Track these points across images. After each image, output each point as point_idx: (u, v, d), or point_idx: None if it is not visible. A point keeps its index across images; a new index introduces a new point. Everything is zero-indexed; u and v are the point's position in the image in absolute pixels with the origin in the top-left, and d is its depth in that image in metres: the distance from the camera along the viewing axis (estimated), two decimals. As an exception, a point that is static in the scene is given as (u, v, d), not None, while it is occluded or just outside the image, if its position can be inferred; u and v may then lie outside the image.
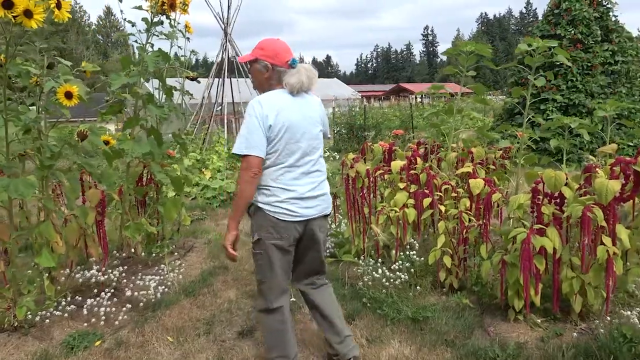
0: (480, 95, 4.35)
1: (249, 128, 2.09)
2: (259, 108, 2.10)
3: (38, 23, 2.20)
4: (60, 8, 2.27)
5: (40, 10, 2.19)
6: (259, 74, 2.25)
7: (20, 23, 2.14)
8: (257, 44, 2.28)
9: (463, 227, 3.12)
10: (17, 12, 2.11)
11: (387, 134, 12.29)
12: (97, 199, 3.41)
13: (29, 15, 2.16)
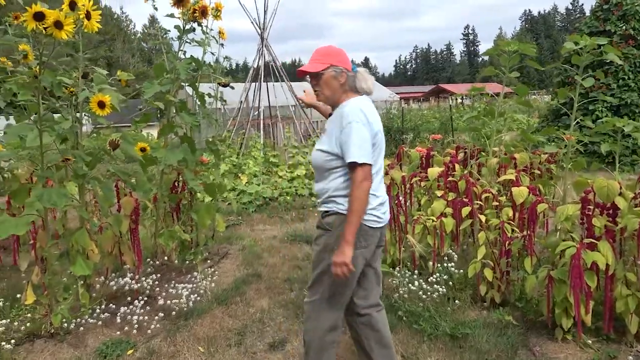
0: (524, 96, 4.13)
1: (361, 136, 2.02)
2: (362, 116, 2.05)
3: (68, 34, 2.20)
4: (90, 18, 2.27)
5: (70, 22, 2.19)
6: (333, 81, 2.14)
7: (51, 34, 2.15)
8: (321, 53, 2.17)
9: (505, 238, 2.93)
10: (47, 24, 2.11)
11: (425, 137, 12.03)
12: (131, 207, 3.43)
13: (59, 26, 2.16)
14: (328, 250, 2.08)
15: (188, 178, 3.70)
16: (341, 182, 2.10)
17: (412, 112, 22.46)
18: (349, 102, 2.14)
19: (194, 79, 4.16)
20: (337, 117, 2.13)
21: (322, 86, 2.15)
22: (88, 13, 2.24)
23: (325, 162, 2.12)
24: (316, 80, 2.16)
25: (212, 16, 3.87)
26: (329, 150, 2.10)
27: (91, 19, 2.27)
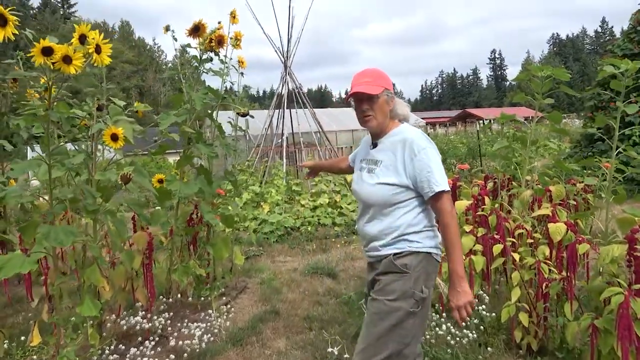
0: (557, 123, 3.89)
1: (438, 161, 1.91)
2: (429, 141, 1.97)
3: (77, 69, 2.13)
4: (100, 52, 2.20)
5: (80, 56, 2.12)
6: (386, 105, 2.00)
7: (59, 69, 2.08)
8: (374, 75, 2.00)
9: (542, 279, 2.68)
10: (55, 59, 2.04)
11: (452, 163, 11.74)
12: (144, 242, 3.31)
13: (67, 61, 2.09)
14: (407, 296, 1.87)
15: (204, 211, 3.58)
16: (413, 217, 1.93)
17: (438, 137, 22.17)
18: (404, 128, 2.03)
19: (212, 108, 4.10)
20: (397, 145, 1.96)
21: (377, 111, 1.97)
22: (98, 47, 2.17)
23: (393, 196, 1.92)
24: (370, 104, 1.97)
25: (232, 45, 3.83)
26: (397, 183, 1.91)
27: (101, 53, 2.20)
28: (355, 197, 2.11)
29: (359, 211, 2.11)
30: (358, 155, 2.22)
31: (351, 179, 2.19)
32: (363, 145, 2.22)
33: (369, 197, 1.99)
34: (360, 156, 2.19)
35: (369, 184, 1.99)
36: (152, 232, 3.54)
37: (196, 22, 3.39)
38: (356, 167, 2.18)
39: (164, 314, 3.40)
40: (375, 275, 2.01)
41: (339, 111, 28.47)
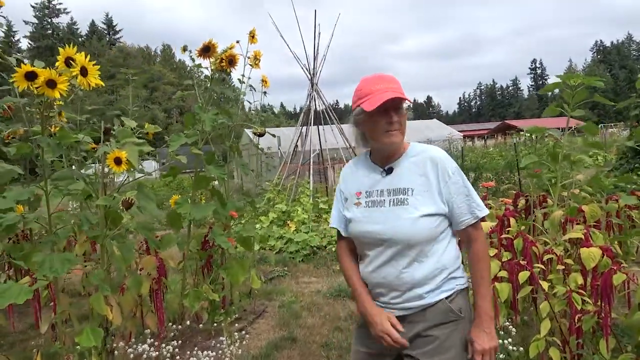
0: (594, 135, 3.59)
1: (470, 184, 1.64)
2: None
3: (62, 92, 2.07)
4: (87, 75, 2.13)
5: (64, 80, 2.06)
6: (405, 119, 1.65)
7: (43, 94, 2.02)
8: (396, 81, 1.60)
9: (575, 311, 2.40)
10: (38, 83, 1.99)
11: (488, 177, 11.30)
12: (152, 267, 3.23)
13: (51, 85, 2.04)
14: (466, 347, 1.58)
15: (216, 234, 3.47)
16: (454, 250, 1.63)
17: (476, 150, 21.55)
18: (420, 145, 1.69)
19: (228, 129, 4.03)
20: (426, 166, 1.61)
21: (403, 124, 1.61)
22: (84, 69, 2.10)
23: (436, 229, 1.57)
24: (399, 116, 1.58)
25: (250, 65, 3.75)
26: (437, 212, 1.57)
27: (88, 75, 2.13)
28: (370, 240, 1.61)
29: (378, 257, 1.61)
30: (353, 189, 1.70)
31: (352, 217, 1.66)
32: (357, 175, 1.72)
33: (411, 236, 1.55)
34: (363, 188, 1.67)
35: (409, 219, 1.55)
36: (163, 257, 3.47)
37: (206, 43, 3.34)
38: (362, 202, 1.65)
39: (173, 341, 3.28)
40: (422, 331, 1.58)
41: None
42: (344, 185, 1.74)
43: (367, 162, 1.72)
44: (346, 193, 1.72)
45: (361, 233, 1.63)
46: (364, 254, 1.67)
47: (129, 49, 66.13)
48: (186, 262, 3.59)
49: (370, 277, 1.64)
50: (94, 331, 2.61)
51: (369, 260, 1.64)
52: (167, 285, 3.49)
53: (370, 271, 1.63)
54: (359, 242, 1.67)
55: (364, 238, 1.63)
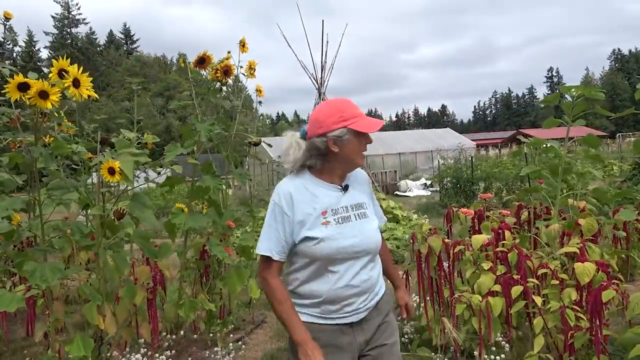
0: (595, 147, 3.53)
1: None
2: None
3: (54, 103, 2.10)
4: (79, 86, 2.16)
5: (57, 91, 2.09)
6: None
7: (35, 105, 2.06)
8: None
9: (567, 328, 2.34)
10: (30, 94, 2.03)
11: (499, 187, 11.16)
12: (146, 277, 3.25)
13: (44, 96, 2.07)
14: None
15: (212, 244, 3.48)
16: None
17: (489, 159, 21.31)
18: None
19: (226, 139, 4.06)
20: (364, 184, 1.81)
21: None
22: (76, 81, 2.13)
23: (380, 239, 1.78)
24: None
25: (245, 75, 3.79)
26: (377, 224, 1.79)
27: (80, 87, 2.16)
28: (345, 256, 1.63)
29: (349, 270, 1.64)
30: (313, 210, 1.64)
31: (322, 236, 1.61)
32: (311, 196, 1.66)
33: (376, 244, 1.71)
34: (328, 207, 1.66)
35: (372, 229, 1.70)
36: (160, 266, 3.49)
37: (201, 54, 3.37)
38: (331, 221, 1.64)
39: (167, 351, 3.29)
40: (380, 324, 1.74)
41: (385, 134, 28.24)
42: (291, 209, 1.63)
43: (316, 182, 1.69)
44: (298, 216, 1.63)
45: (336, 250, 1.61)
46: (329, 271, 1.63)
47: (146, 58, 67.11)
48: (183, 272, 3.60)
49: (342, 292, 1.63)
50: (84, 340, 2.62)
51: (339, 276, 1.63)
52: (162, 295, 3.50)
53: (342, 286, 1.63)
54: (328, 260, 1.62)
55: (338, 254, 1.62)
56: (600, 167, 17.10)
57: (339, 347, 1.65)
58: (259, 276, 1.67)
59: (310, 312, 1.66)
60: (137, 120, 3.85)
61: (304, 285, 1.66)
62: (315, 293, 1.64)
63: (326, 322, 1.65)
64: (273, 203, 1.67)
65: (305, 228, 1.61)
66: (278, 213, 1.64)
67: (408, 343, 3.38)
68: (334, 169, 1.69)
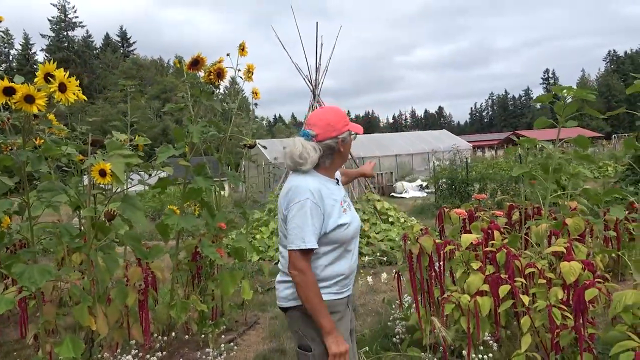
0: (585, 148, 3.55)
1: None
2: None
3: (40, 108, 2.11)
4: (65, 90, 2.17)
5: (42, 95, 2.10)
6: None
7: (21, 109, 2.07)
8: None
9: (554, 327, 2.37)
10: (16, 99, 2.04)
11: (494, 188, 11.21)
12: (138, 278, 3.25)
13: (30, 100, 2.08)
14: None
15: (205, 245, 3.50)
16: None
17: (485, 160, 21.37)
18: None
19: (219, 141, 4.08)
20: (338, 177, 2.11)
21: None
22: (62, 85, 2.14)
23: None
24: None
25: (243, 78, 3.81)
26: None
27: (66, 91, 2.18)
28: (354, 235, 1.95)
29: (355, 248, 2.00)
30: (334, 201, 1.89)
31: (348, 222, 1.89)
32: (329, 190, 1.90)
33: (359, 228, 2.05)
34: (340, 197, 1.93)
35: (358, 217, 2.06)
36: (152, 268, 3.49)
37: (194, 56, 3.39)
38: (346, 208, 1.94)
39: (159, 352, 3.30)
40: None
41: (382, 136, 28.29)
42: (322, 204, 1.82)
43: (323, 178, 1.93)
44: (327, 208, 1.84)
45: (356, 230, 1.95)
46: (347, 250, 1.92)
47: (142, 60, 66.99)
48: (175, 273, 3.61)
49: (353, 267, 1.96)
50: (74, 342, 2.62)
51: (352, 253, 1.95)
52: (154, 296, 3.51)
53: (354, 262, 1.96)
54: (348, 240, 1.90)
55: (355, 234, 1.94)
56: (595, 167, 17.19)
57: (346, 316, 1.96)
58: (294, 269, 1.77)
59: (330, 291, 1.87)
60: (131, 123, 3.87)
61: (328, 268, 1.86)
62: (340, 272, 1.89)
63: (341, 296, 1.91)
64: (307, 199, 1.79)
65: (335, 217, 1.84)
66: (314, 208, 1.79)
67: (399, 343, 3.40)
68: (336, 165, 1.98)
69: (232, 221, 4.01)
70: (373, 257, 6.69)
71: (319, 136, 1.87)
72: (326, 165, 1.93)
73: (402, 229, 7.49)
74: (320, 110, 2.02)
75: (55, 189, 2.74)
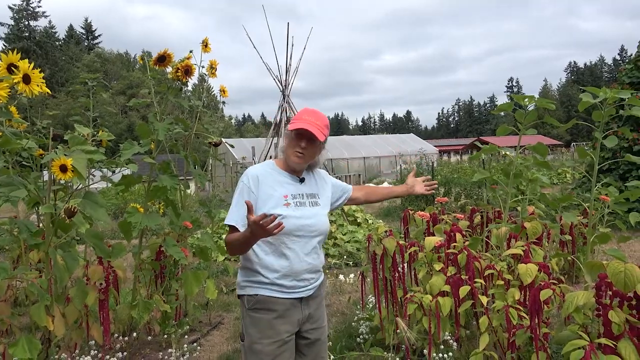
0: (543, 155, 3.69)
1: None
2: None
3: (2, 99, 2.04)
4: (29, 82, 2.11)
5: (5, 86, 2.04)
6: (318, 153, 2.08)
7: (-20, 99, 1.99)
8: (323, 121, 2.03)
9: (510, 327, 2.45)
10: (-25, 89, 1.96)
11: (458, 192, 11.46)
12: (98, 277, 3.18)
13: (-11, 90, 2.01)
14: None
15: (169, 244, 3.44)
16: None
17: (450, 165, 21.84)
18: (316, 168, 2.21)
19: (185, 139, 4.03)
20: (319, 178, 2.15)
21: (310, 155, 2.01)
22: (26, 76, 2.08)
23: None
24: (309, 146, 1.99)
25: (207, 74, 3.79)
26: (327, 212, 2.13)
27: (30, 83, 2.11)
28: (303, 233, 1.95)
29: (305, 247, 1.96)
30: (275, 193, 1.95)
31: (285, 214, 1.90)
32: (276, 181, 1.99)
33: (326, 228, 2.04)
34: (288, 192, 1.98)
35: (323, 215, 2.05)
36: (115, 267, 3.42)
37: (161, 52, 3.34)
38: (290, 202, 1.95)
39: (119, 353, 3.23)
40: (319, 300, 2.09)
41: (350, 138, 28.48)
42: (256, 188, 1.93)
43: (279, 171, 2.02)
44: (262, 194, 1.92)
45: (297, 227, 1.92)
46: (288, 249, 1.91)
47: (107, 54, 65.19)
48: (137, 272, 3.54)
49: (299, 266, 1.93)
50: (29, 342, 2.54)
51: (294, 254, 1.93)
52: (116, 295, 3.43)
53: (296, 263, 1.93)
54: (287, 236, 1.90)
55: (298, 231, 1.93)
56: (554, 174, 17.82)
57: (288, 318, 1.93)
58: (224, 241, 1.91)
59: (270, 288, 1.91)
60: (93, 118, 3.78)
61: (263, 259, 1.90)
62: (274, 267, 1.90)
63: (283, 296, 1.92)
64: (241, 182, 1.96)
65: (270, 206, 1.89)
66: (244, 190, 1.93)
67: (362, 343, 3.44)
68: (285, 158, 2.02)
69: (198, 220, 3.96)
70: (340, 258, 6.73)
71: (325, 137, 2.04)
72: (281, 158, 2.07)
73: (368, 231, 7.57)
74: (314, 112, 2.09)
75: (14, 184, 2.65)
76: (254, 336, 1.89)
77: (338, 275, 5.96)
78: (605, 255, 5.05)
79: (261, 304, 1.90)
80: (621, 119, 8.15)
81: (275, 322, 1.90)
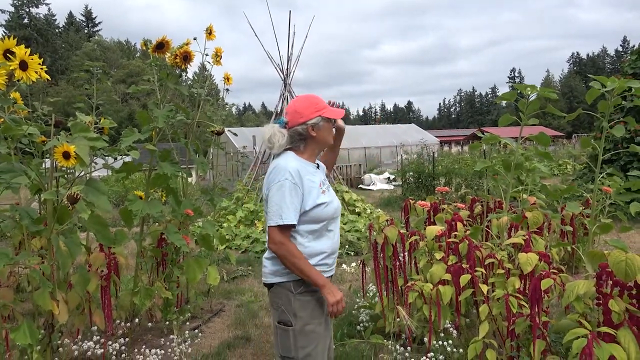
0: (546, 145, 3.68)
1: None
2: None
3: (0, 86, 2.03)
4: (27, 69, 2.10)
5: (2, 73, 2.03)
6: None
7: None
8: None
9: (510, 315, 2.46)
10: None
11: (459, 182, 11.46)
12: (100, 263, 3.19)
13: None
14: None
15: (170, 232, 3.45)
16: None
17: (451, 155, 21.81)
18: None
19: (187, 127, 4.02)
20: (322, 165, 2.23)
21: None
22: (23, 63, 2.07)
23: None
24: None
25: (212, 62, 3.76)
26: None
27: (28, 69, 2.10)
28: (338, 213, 2.09)
29: (336, 228, 2.10)
30: (313, 182, 2.00)
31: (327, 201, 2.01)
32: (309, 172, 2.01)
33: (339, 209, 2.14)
34: (319, 180, 2.06)
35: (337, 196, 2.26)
36: (116, 253, 3.43)
37: (159, 39, 3.32)
38: (325, 189, 2.06)
39: (121, 339, 3.25)
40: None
41: (351, 128, 28.40)
42: (300, 182, 1.94)
43: (306, 162, 2.04)
44: (305, 187, 1.95)
45: (336, 210, 2.05)
46: (328, 230, 2.02)
47: (107, 42, 64.81)
48: (138, 259, 3.55)
49: (335, 246, 2.07)
50: (30, 328, 2.56)
51: (333, 233, 2.05)
52: (117, 282, 3.45)
53: (336, 241, 2.07)
54: (328, 218, 2.00)
55: (335, 214, 2.04)
56: (554, 165, 17.79)
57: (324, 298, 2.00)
58: (273, 243, 1.88)
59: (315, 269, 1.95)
60: (96, 106, 3.76)
61: (311, 245, 1.96)
62: (322, 249, 1.99)
63: (326, 275, 2.00)
64: (285, 180, 1.91)
65: (314, 196, 1.95)
66: (292, 188, 1.91)
67: (363, 330, 3.47)
68: (313, 149, 2.07)
69: (199, 209, 3.96)
70: (341, 247, 6.75)
71: (288, 123, 2.02)
72: (301, 150, 2.04)
73: (369, 220, 7.58)
74: (293, 100, 2.17)
75: (16, 170, 2.65)
76: (305, 318, 1.94)
77: (340, 264, 5.99)
78: (606, 246, 5.07)
79: (307, 286, 1.95)
80: (623, 110, 8.14)
81: (321, 301, 2.00)
